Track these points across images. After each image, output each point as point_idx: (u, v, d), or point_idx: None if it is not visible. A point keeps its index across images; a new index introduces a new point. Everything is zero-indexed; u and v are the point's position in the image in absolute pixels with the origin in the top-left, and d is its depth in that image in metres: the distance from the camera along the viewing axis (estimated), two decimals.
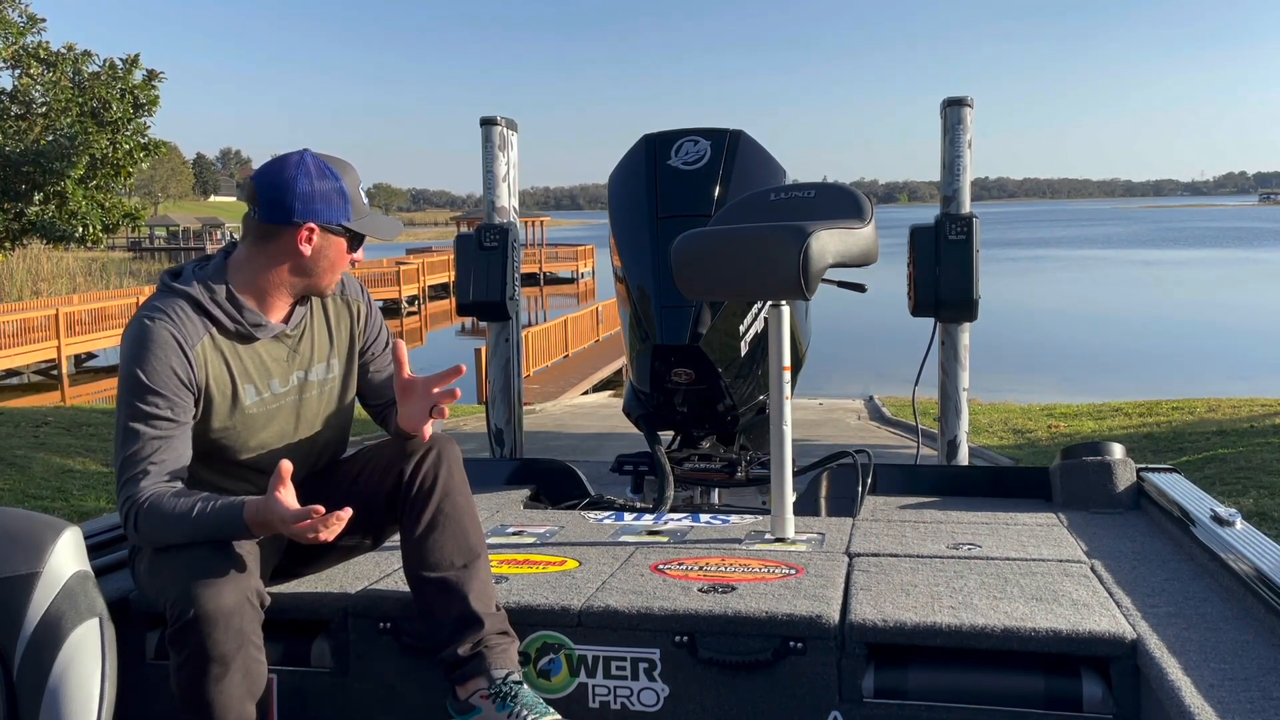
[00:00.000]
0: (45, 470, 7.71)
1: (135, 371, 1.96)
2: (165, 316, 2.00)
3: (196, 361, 2.01)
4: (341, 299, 2.28)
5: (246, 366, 2.09)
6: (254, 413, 2.10)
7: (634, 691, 2.05)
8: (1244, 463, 6.70)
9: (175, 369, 1.98)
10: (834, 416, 10.93)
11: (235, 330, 2.07)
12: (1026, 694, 1.89)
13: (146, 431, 1.95)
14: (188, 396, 2.00)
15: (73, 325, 22.41)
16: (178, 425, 1.98)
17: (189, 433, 2.01)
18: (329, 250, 2.08)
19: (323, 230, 2.06)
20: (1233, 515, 2.34)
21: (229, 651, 1.81)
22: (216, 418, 2.05)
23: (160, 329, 1.98)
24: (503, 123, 3.66)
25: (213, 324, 2.05)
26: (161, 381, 1.96)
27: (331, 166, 2.08)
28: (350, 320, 2.28)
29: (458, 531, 2.07)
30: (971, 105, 3.37)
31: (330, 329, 2.24)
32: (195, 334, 2.02)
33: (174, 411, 1.97)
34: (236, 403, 2.07)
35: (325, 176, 2.06)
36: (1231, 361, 19.70)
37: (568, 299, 37.94)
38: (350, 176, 2.10)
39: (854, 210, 2.53)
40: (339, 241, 2.09)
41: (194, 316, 2.03)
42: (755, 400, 3.22)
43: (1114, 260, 54.84)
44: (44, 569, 1.56)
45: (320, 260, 2.08)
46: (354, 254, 2.14)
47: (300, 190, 2.04)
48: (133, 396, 1.96)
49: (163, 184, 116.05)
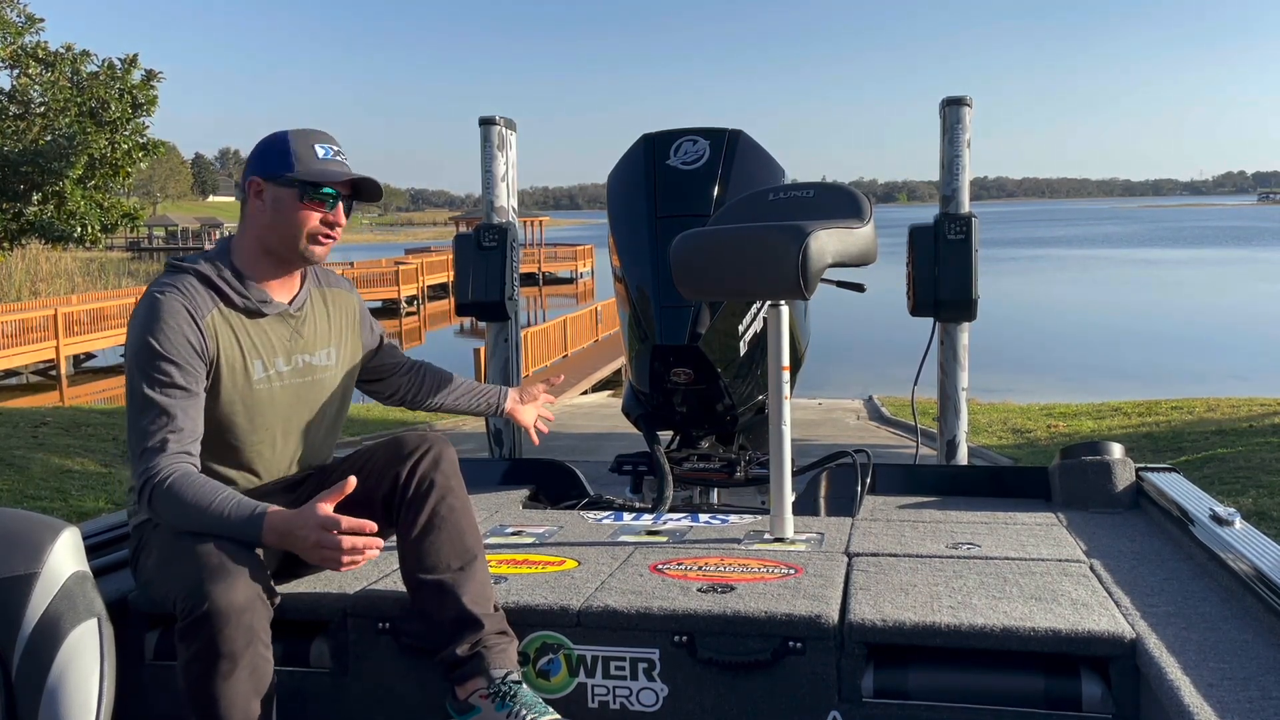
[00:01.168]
0: (44, 471, 7.71)
1: (148, 340, 2.02)
2: (175, 289, 2.08)
3: (208, 332, 2.07)
4: (336, 289, 2.38)
5: (254, 341, 2.15)
6: (260, 389, 2.15)
7: (633, 691, 2.05)
8: (1243, 462, 6.71)
9: (189, 337, 2.04)
10: (833, 416, 10.94)
11: (242, 305, 2.14)
12: (1026, 694, 1.89)
13: (161, 400, 2.00)
14: (200, 366, 2.05)
15: (71, 326, 22.40)
16: (190, 395, 2.03)
17: (202, 404, 2.06)
18: (282, 204, 2.13)
19: (268, 182, 2.14)
20: (1232, 515, 2.34)
21: (238, 648, 1.81)
22: (225, 391, 2.10)
23: (171, 300, 2.05)
24: (501, 122, 3.66)
25: (220, 297, 2.12)
26: (175, 349, 2.02)
27: (289, 130, 2.18)
28: (346, 312, 2.38)
29: (454, 534, 2.07)
30: (970, 105, 3.37)
31: (331, 316, 2.33)
32: (205, 306, 2.09)
33: (187, 380, 2.02)
34: (246, 377, 2.13)
35: (273, 138, 2.18)
36: (1230, 361, 19.72)
37: (567, 299, 37.95)
38: (305, 136, 2.17)
39: (853, 210, 2.53)
40: (289, 192, 2.13)
41: (202, 290, 2.11)
42: (754, 400, 3.22)
43: (1113, 260, 54.89)
44: (42, 569, 1.56)
45: (276, 215, 2.14)
46: (322, 210, 2.15)
47: (252, 156, 2.20)
48: (147, 365, 2.01)
49: (161, 184, 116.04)
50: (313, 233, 2.16)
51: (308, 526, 1.90)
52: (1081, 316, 28.55)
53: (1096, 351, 21.82)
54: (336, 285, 2.40)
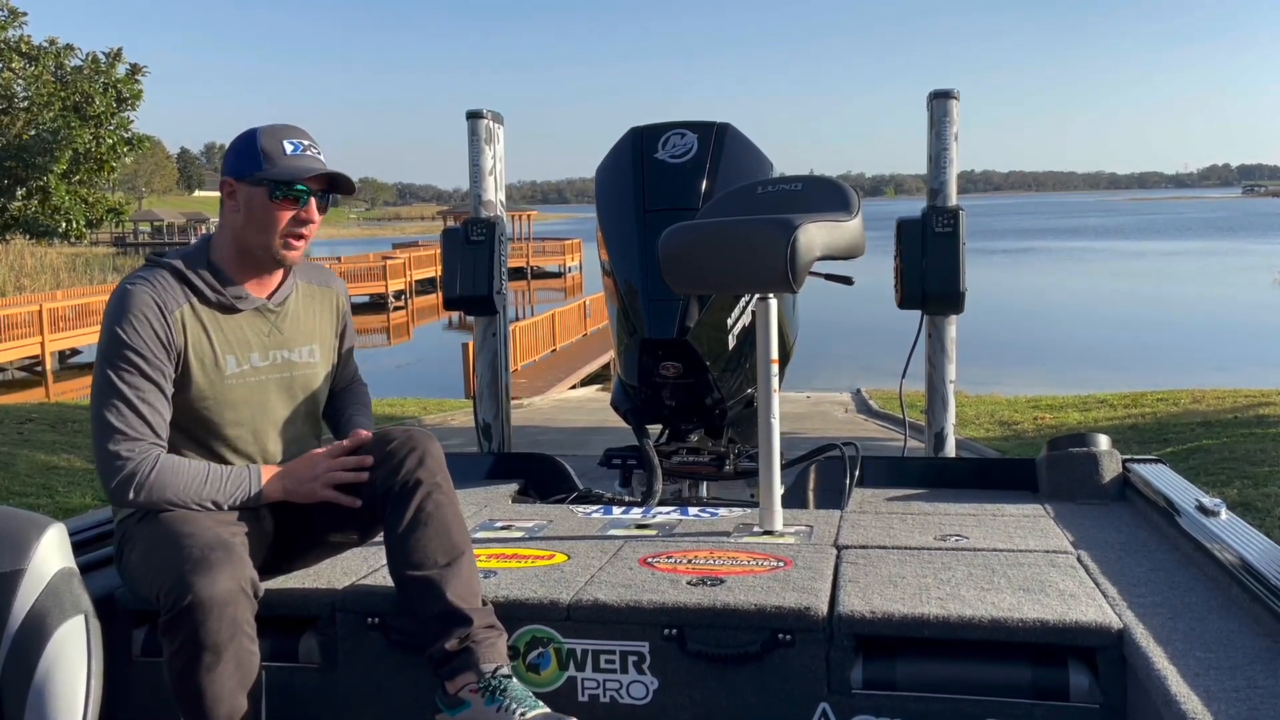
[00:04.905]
0: (29, 467, 7.67)
1: (115, 331, 2.04)
2: (146, 282, 2.09)
3: (175, 326, 2.08)
4: (325, 287, 2.37)
5: (227, 336, 2.15)
6: (234, 384, 2.15)
7: (623, 685, 2.05)
8: (1228, 453, 6.74)
9: (155, 329, 2.05)
10: (821, 409, 10.96)
11: (216, 300, 2.14)
12: (1014, 684, 1.90)
13: (127, 391, 2.02)
14: (166, 357, 2.06)
15: (56, 321, 22.28)
16: (156, 387, 2.05)
17: (167, 395, 2.08)
18: (253, 203, 2.12)
19: (239, 183, 2.13)
20: (1217, 505, 2.35)
21: (223, 640, 1.81)
22: (197, 386, 2.11)
23: (140, 292, 2.07)
24: (489, 116, 3.65)
25: (193, 292, 2.12)
26: (141, 341, 2.04)
27: (259, 128, 2.16)
28: (332, 311, 2.37)
29: (441, 529, 2.06)
30: (957, 98, 3.37)
31: (316, 314, 2.32)
32: (175, 300, 2.10)
33: (154, 370, 2.05)
34: (218, 371, 2.13)
35: (242, 137, 2.16)
36: (1215, 353, 19.83)
37: (555, 293, 37.91)
38: (274, 133, 2.15)
39: (841, 203, 2.53)
40: (259, 191, 2.11)
41: (174, 284, 2.11)
42: (743, 393, 3.22)
43: (1099, 252, 55.11)
44: (28, 566, 1.55)
45: (249, 215, 2.12)
46: (295, 208, 2.12)
47: (224, 156, 2.20)
48: (113, 355, 2.03)
49: (146, 179, 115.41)
50: (285, 232, 2.13)
51: (312, 456, 2.14)
52: (1068, 309, 28.67)
53: (1083, 344, 21.92)
54: (327, 284, 2.38)
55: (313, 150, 2.17)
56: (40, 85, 27.16)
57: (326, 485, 2.14)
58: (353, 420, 2.38)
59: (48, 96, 26.89)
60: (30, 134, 26.41)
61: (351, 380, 2.51)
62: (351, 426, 2.32)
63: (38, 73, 27.57)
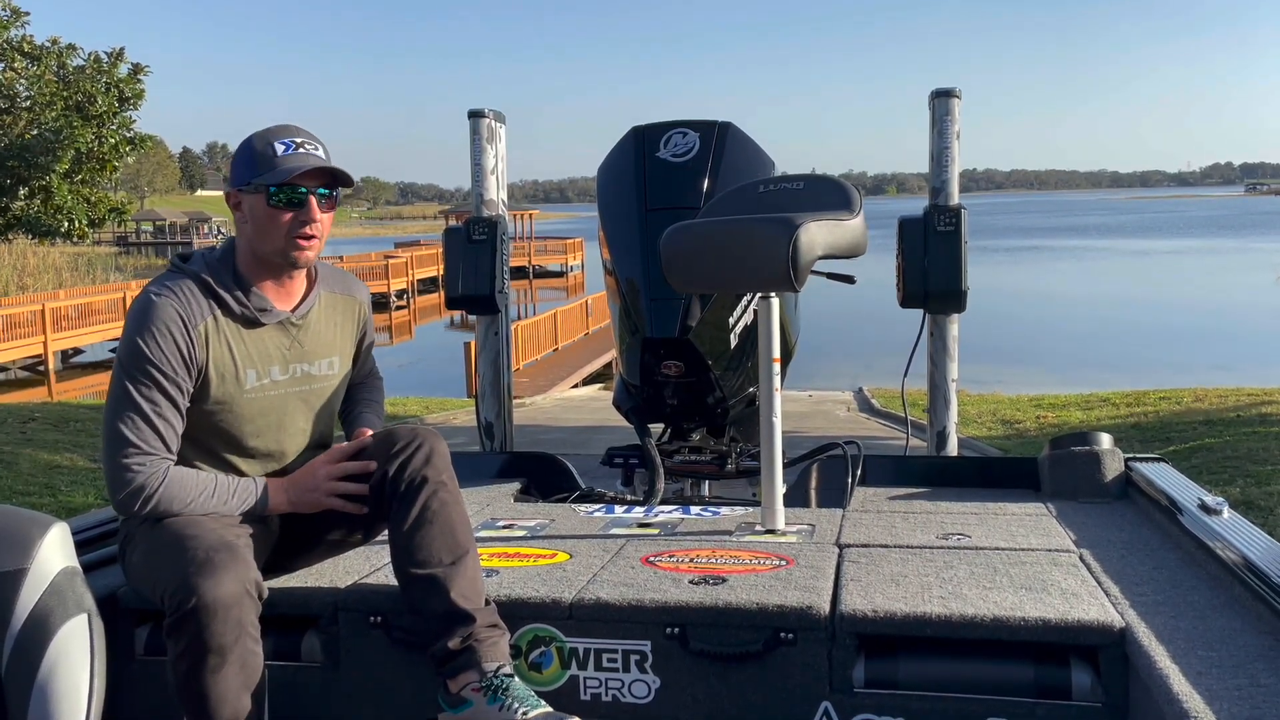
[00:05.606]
0: (32, 466, 7.67)
1: (137, 342, 2.01)
2: (171, 294, 2.06)
3: (198, 340, 2.05)
4: (348, 294, 2.33)
5: (249, 350, 2.12)
6: (253, 397, 2.13)
7: (625, 684, 2.05)
8: (1230, 452, 6.74)
9: (178, 344, 2.03)
10: (823, 408, 10.95)
11: (240, 314, 2.11)
12: (1016, 683, 1.90)
13: (143, 404, 2.01)
14: (187, 374, 2.04)
15: (59, 321, 22.29)
16: (171, 401, 2.03)
17: (182, 411, 2.06)
18: (256, 210, 2.10)
19: (241, 193, 2.12)
20: (1220, 504, 2.35)
21: (227, 643, 1.81)
22: (215, 399, 2.09)
23: (166, 304, 2.04)
24: (491, 115, 3.65)
25: (218, 305, 2.10)
26: (163, 355, 2.01)
27: (253, 134, 2.15)
28: (354, 319, 2.34)
29: (445, 528, 2.06)
30: (959, 97, 3.37)
31: (337, 324, 2.29)
32: (200, 314, 2.07)
33: (171, 385, 2.02)
34: (237, 385, 2.11)
35: (241, 145, 2.15)
36: (1218, 352, 19.80)
37: (557, 292, 37.90)
38: (266, 135, 2.13)
39: (843, 202, 2.53)
40: (258, 199, 2.09)
41: (200, 297, 2.08)
42: (745, 392, 3.22)
43: (1101, 251, 55.04)
44: (31, 565, 1.55)
45: (255, 223, 2.10)
46: (294, 210, 2.08)
47: (229, 170, 2.18)
48: (133, 367, 2.01)
49: (149, 178, 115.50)
50: (291, 234, 2.09)
51: (313, 466, 2.15)
52: (1070, 308, 28.65)
53: (1085, 342, 21.90)
54: (349, 291, 2.33)
55: (307, 146, 2.11)
56: (43, 85, 27.19)
57: (330, 494, 2.14)
58: (361, 418, 2.37)
59: (50, 96, 26.92)
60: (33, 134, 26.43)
61: (368, 375, 2.50)
62: (359, 425, 2.32)
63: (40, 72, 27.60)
